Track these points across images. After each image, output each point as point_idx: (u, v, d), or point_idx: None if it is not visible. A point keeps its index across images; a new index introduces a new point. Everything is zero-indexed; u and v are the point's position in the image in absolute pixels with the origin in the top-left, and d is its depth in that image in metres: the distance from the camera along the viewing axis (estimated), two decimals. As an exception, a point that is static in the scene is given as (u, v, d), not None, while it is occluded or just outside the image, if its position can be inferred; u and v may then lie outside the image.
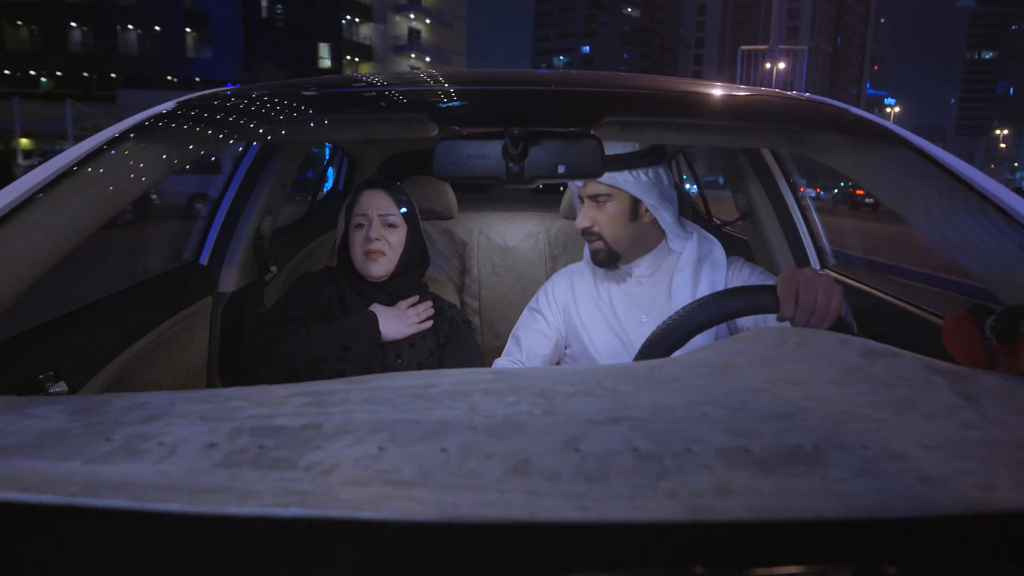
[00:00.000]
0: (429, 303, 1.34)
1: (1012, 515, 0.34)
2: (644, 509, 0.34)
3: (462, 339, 1.38)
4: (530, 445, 0.40)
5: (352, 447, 0.39)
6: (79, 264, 1.33)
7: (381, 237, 1.28)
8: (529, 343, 1.34)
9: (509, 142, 0.85)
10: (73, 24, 29.42)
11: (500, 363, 1.34)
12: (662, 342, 0.83)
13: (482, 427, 0.42)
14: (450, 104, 0.91)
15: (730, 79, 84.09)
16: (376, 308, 1.29)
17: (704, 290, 1.25)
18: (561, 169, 0.88)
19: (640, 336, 1.24)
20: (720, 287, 1.25)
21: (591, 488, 0.35)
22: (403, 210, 1.32)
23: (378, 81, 0.96)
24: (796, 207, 1.72)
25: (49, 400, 0.50)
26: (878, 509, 0.34)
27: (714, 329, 1.10)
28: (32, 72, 29.78)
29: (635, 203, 1.26)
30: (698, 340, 0.87)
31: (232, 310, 1.57)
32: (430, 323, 1.32)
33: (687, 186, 3.22)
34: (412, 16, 41.41)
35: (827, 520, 0.33)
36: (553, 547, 0.33)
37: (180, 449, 0.39)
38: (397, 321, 1.28)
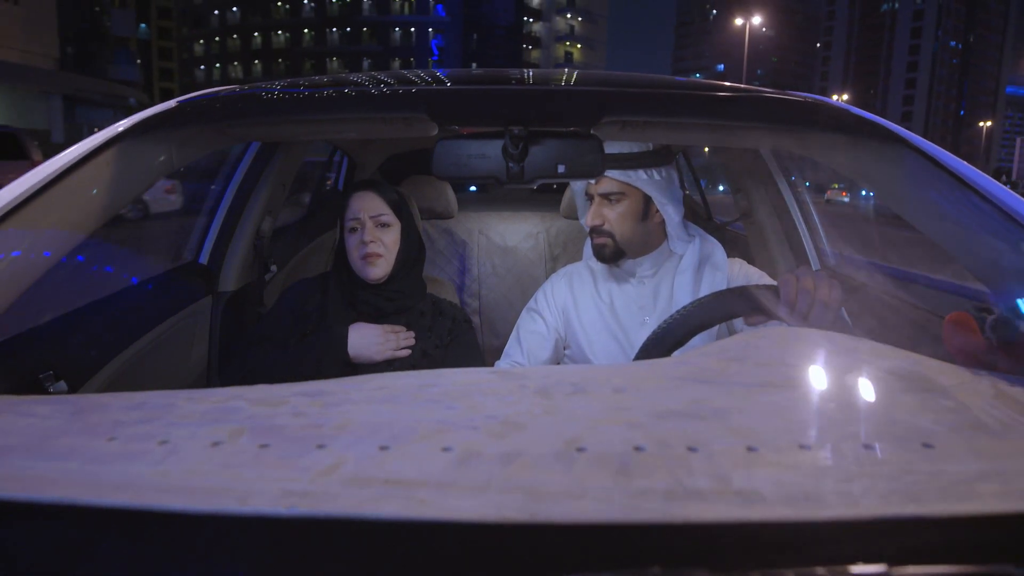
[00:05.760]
0: (412, 334, 1.30)
1: (1012, 515, 0.34)
2: (644, 509, 0.34)
3: (464, 338, 1.37)
4: (530, 445, 0.40)
5: (352, 447, 0.39)
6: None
7: (376, 239, 1.26)
8: (529, 345, 1.34)
9: (509, 142, 0.85)
10: (365, 29, 54.46)
11: (501, 365, 1.34)
12: (662, 342, 0.83)
13: (482, 427, 0.42)
14: (450, 104, 0.91)
15: (854, 92, 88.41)
16: (357, 327, 1.25)
17: (705, 292, 1.25)
18: (561, 169, 0.88)
19: (640, 338, 1.24)
20: (721, 288, 1.25)
21: (591, 488, 0.35)
22: (394, 207, 1.30)
23: (378, 80, 0.96)
24: (796, 207, 1.72)
25: (49, 400, 0.50)
26: (878, 509, 0.34)
27: (715, 329, 1.10)
28: (339, 61, 54.69)
29: (647, 203, 1.26)
30: (698, 340, 0.87)
31: (232, 310, 1.56)
32: (407, 352, 1.28)
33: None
34: (568, 16, 65.72)
35: (827, 520, 0.33)
36: (553, 547, 0.33)
37: (180, 449, 0.39)
38: (374, 344, 1.24)
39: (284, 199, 1.77)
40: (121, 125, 0.87)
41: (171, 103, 0.93)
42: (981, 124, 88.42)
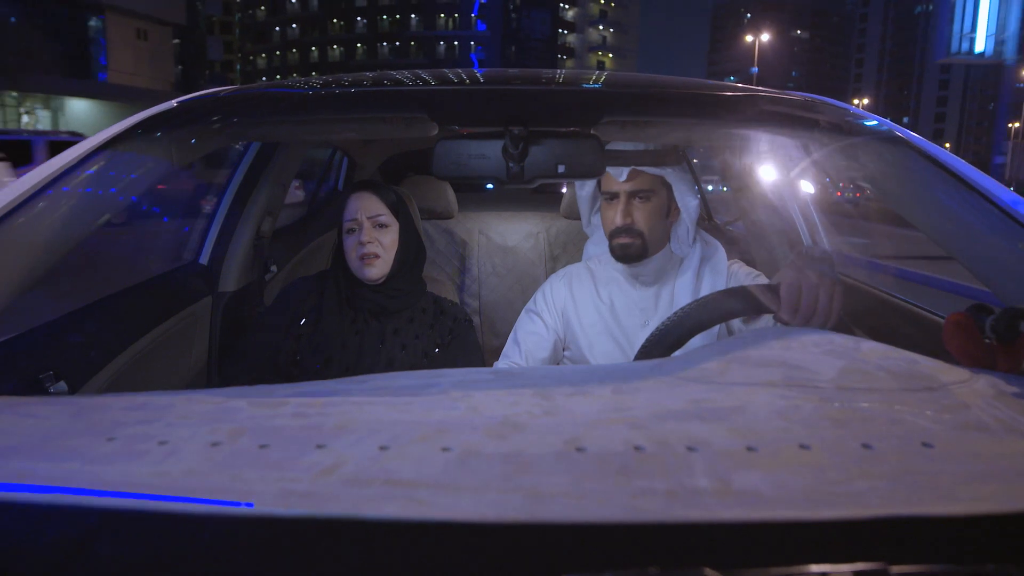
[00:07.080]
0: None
1: (1012, 515, 0.34)
2: (644, 509, 0.34)
3: (465, 337, 1.37)
4: (530, 445, 0.40)
5: (352, 447, 0.39)
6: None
7: (373, 240, 1.26)
8: (528, 346, 1.33)
9: (509, 142, 0.85)
10: (412, 43, 58.68)
11: (499, 366, 1.34)
12: (662, 342, 0.83)
13: (482, 427, 0.42)
14: (450, 104, 0.91)
15: (887, 95, 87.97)
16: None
17: (705, 293, 1.25)
18: (561, 169, 0.88)
19: (640, 340, 1.23)
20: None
21: (591, 488, 0.35)
22: (392, 208, 1.30)
23: (378, 81, 0.96)
24: (796, 207, 1.72)
25: (49, 400, 0.50)
26: (878, 509, 0.34)
27: (715, 329, 1.10)
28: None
29: (669, 201, 1.26)
30: (698, 340, 0.87)
31: (232, 310, 1.56)
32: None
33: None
34: (601, 27, 70.19)
35: (827, 520, 0.33)
36: (553, 547, 0.33)
37: (180, 449, 0.39)
38: None
39: (284, 199, 1.77)
40: (121, 125, 0.87)
41: (171, 103, 0.93)
42: (1010, 125, 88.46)
